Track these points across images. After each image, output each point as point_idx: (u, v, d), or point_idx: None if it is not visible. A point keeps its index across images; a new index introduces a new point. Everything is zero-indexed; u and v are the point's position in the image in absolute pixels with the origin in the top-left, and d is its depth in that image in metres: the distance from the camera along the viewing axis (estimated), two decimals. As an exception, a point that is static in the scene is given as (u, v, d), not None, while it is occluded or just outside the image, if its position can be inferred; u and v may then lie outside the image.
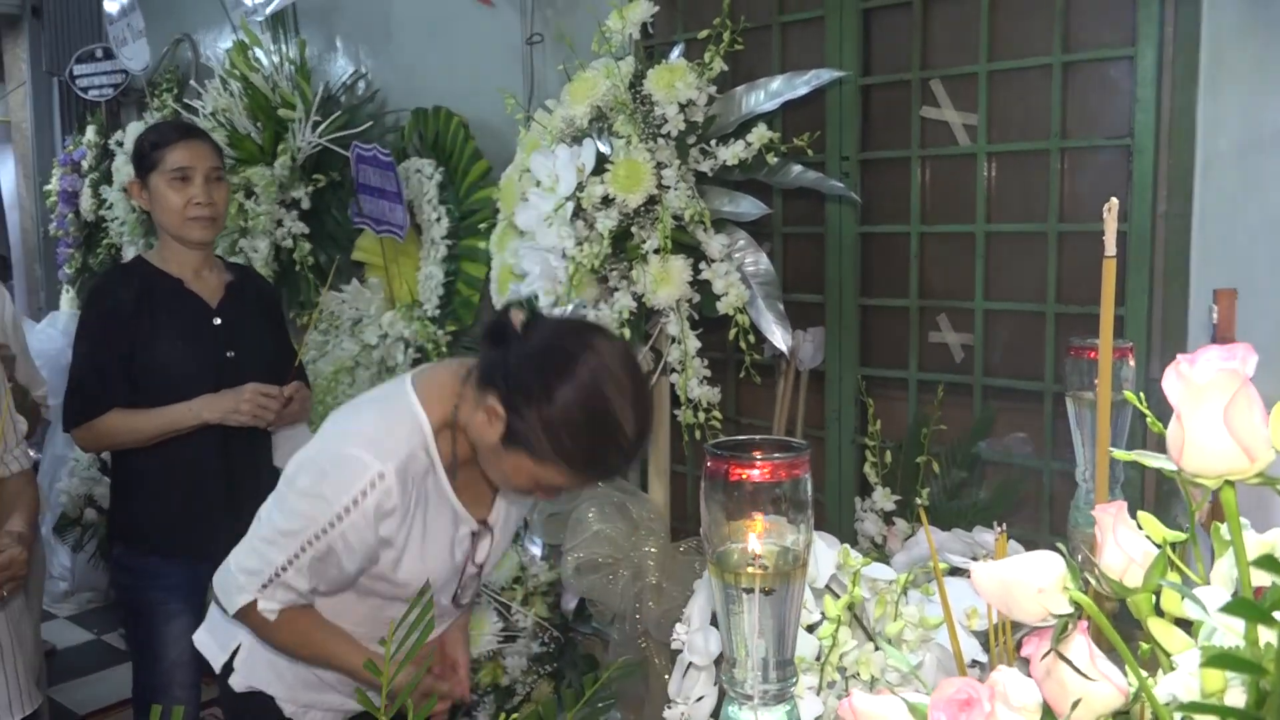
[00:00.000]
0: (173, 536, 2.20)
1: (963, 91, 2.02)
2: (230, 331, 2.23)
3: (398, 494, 1.38)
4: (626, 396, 1.27)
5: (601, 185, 1.90)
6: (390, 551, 1.44)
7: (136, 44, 4.05)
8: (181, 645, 2.24)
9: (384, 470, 1.37)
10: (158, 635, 2.22)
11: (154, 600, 2.22)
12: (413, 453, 1.40)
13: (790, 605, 0.61)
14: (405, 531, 1.43)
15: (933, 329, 2.12)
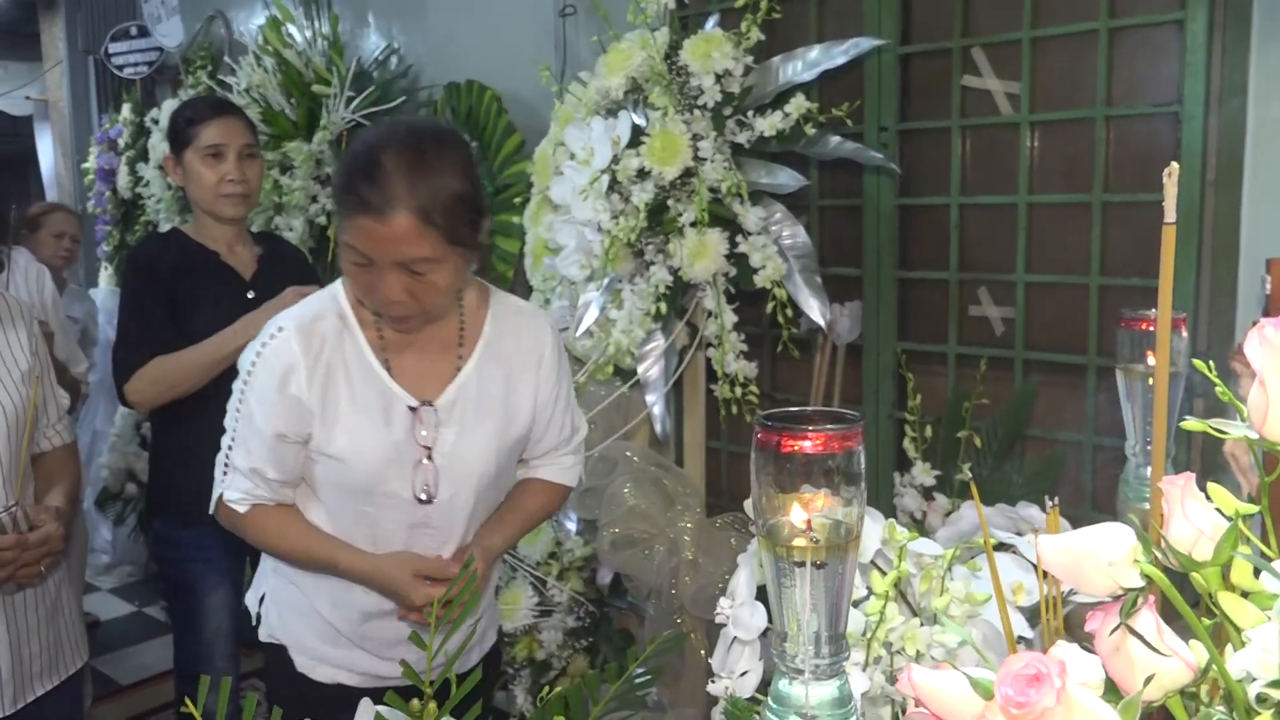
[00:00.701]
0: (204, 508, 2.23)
1: (1005, 59, 1.98)
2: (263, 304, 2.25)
3: (298, 348, 1.41)
4: (394, 139, 1.32)
5: (637, 158, 1.88)
6: (315, 421, 1.43)
7: (171, 21, 4.07)
8: (221, 616, 2.28)
9: (283, 324, 1.42)
10: (199, 607, 2.26)
11: (194, 573, 2.26)
12: (321, 313, 1.44)
13: (843, 579, 0.60)
14: (320, 394, 1.42)
15: (973, 302, 2.09)
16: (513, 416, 1.51)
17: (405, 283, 1.34)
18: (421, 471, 1.46)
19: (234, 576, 2.32)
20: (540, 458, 1.61)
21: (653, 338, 2.03)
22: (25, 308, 1.79)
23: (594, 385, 2.20)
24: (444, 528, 1.51)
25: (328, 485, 1.49)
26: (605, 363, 2.04)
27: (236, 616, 2.34)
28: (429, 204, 1.30)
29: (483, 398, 1.48)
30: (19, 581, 1.60)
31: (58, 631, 1.78)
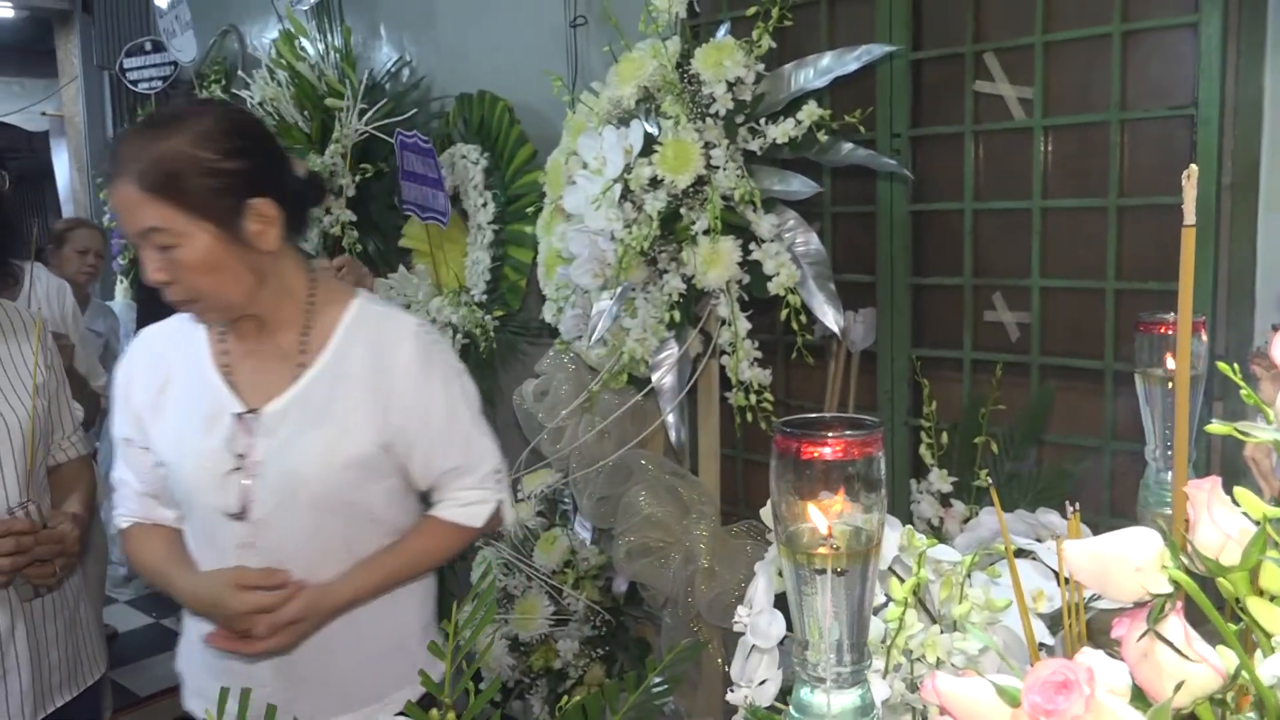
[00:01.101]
0: None
1: (1018, 64, 1.98)
2: None
3: (143, 352, 1.44)
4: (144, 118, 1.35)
5: (649, 166, 1.88)
6: (148, 425, 1.41)
7: (185, 36, 4.11)
8: None
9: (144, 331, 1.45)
10: None
11: None
12: (179, 316, 1.44)
13: (864, 586, 0.60)
14: (155, 398, 1.41)
15: (987, 308, 2.08)
16: (351, 431, 1.37)
17: (158, 260, 1.29)
18: (233, 482, 1.36)
19: None
20: (441, 491, 1.47)
21: (666, 346, 2.03)
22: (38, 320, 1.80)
23: (608, 394, 2.20)
24: (272, 550, 1.38)
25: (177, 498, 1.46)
26: (619, 371, 2.04)
27: None
28: (149, 169, 1.26)
29: (320, 409, 1.38)
30: (35, 582, 1.61)
31: (77, 643, 1.79)
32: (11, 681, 1.65)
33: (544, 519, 2.51)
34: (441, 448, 1.43)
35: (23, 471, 1.65)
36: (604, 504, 2.23)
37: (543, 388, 2.37)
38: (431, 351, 1.43)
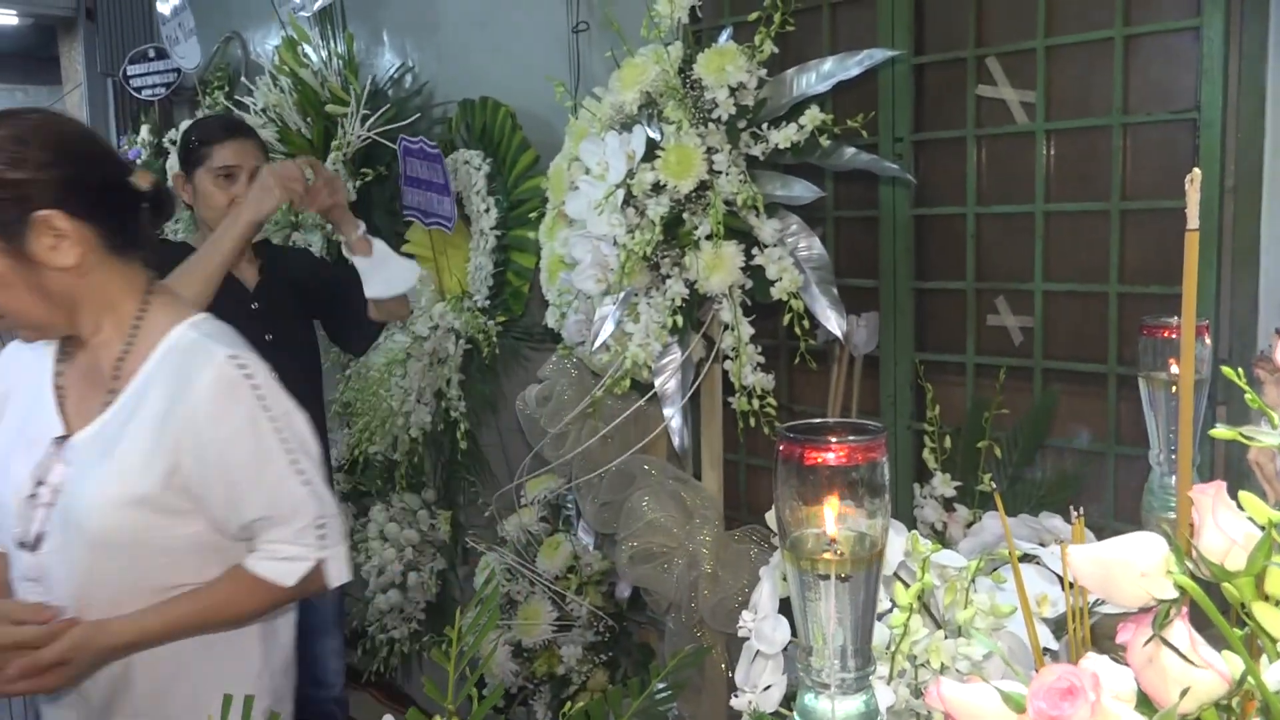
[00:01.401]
0: None
1: (1020, 68, 1.98)
2: (268, 315, 2.27)
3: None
4: None
5: (652, 172, 1.88)
6: None
7: (188, 43, 4.11)
8: None
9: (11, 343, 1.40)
10: None
11: None
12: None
13: (868, 592, 0.60)
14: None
15: (990, 312, 2.08)
16: (137, 467, 1.28)
17: None
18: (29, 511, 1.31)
19: None
20: (254, 541, 1.36)
21: (669, 351, 2.03)
22: None
23: (611, 399, 2.20)
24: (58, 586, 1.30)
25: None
26: (622, 376, 2.04)
27: None
28: None
29: (113, 441, 1.30)
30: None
31: None
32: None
33: (547, 524, 2.51)
34: (244, 494, 1.32)
35: None
36: (607, 509, 2.23)
37: (545, 393, 2.37)
38: (237, 389, 1.31)
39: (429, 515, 3.10)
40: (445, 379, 2.97)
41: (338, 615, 2.47)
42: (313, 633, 2.43)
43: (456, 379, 2.96)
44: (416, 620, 3.09)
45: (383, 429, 3.03)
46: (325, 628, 2.45)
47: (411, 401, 2.99)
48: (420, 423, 3.00)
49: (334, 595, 2.45)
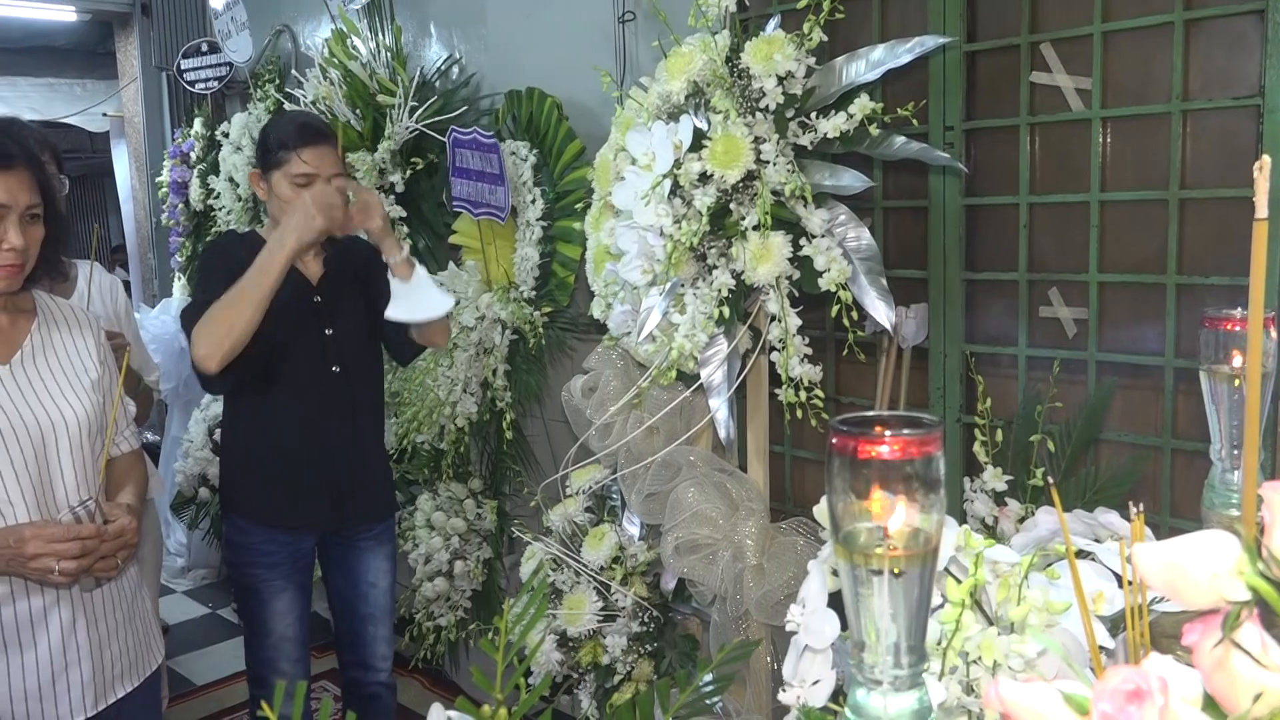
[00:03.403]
0: (272, 506, 2.29)
1: (1075, 54, 1.94)
2: (329, 309, 2.29)
3: None
4: None
5: (699, 162, 1.87)
6: None
7: (240, 36, 4.17)
8: (288, 620, 2.33)
9: None
10: (264, 610, 2.31)
11: (259, 577, 2.32)
12: None
13: (923, 588, 0.59)
14: None
15: (1043, 303, 2.04)
16: None
17: None
18: None
19: (300, 581, 2.37)
20: None
21: (715, 342, 2.02)
22: (92, 318, 1.84)
23: (656, 390, 2.19)
24: None
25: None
26: (668, 367, 2.04)
27: (304, 621, 2.38)
28: None
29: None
30: (97, 574, 1.65)
31: (136, 633, 1.82)
32: (74, 674, 1.69)
33: (592, 514, 2.51)
34: None
35: (80, 465, 1.69)
36: (652, 500, 2.23)
37: (591, 384, 2.37)
38: None
39: (475, 504, 3.12)
40: (491, 369, 2.99)
41: (389, 605, 2.51)
42: (366, 620, 2.48)
43: (502, 369, 2.98)
44: (463, 608, 3.12)
45: (430, 418, 3.06)
46: (378, 616, 2.48)
47: (458, 391, 3.02)
48: (467, 412, 3.02)
49: (387, 587, 2.48)
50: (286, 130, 2.21)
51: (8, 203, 1.57)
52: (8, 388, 1.64)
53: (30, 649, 1.64)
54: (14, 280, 1.62)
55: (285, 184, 2.17)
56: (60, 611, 1.67)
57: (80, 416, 1.70)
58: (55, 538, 1.55)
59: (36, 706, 1.65)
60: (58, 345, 1.74)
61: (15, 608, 1.63)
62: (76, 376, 1.74)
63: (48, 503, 1.64)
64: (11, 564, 1.55)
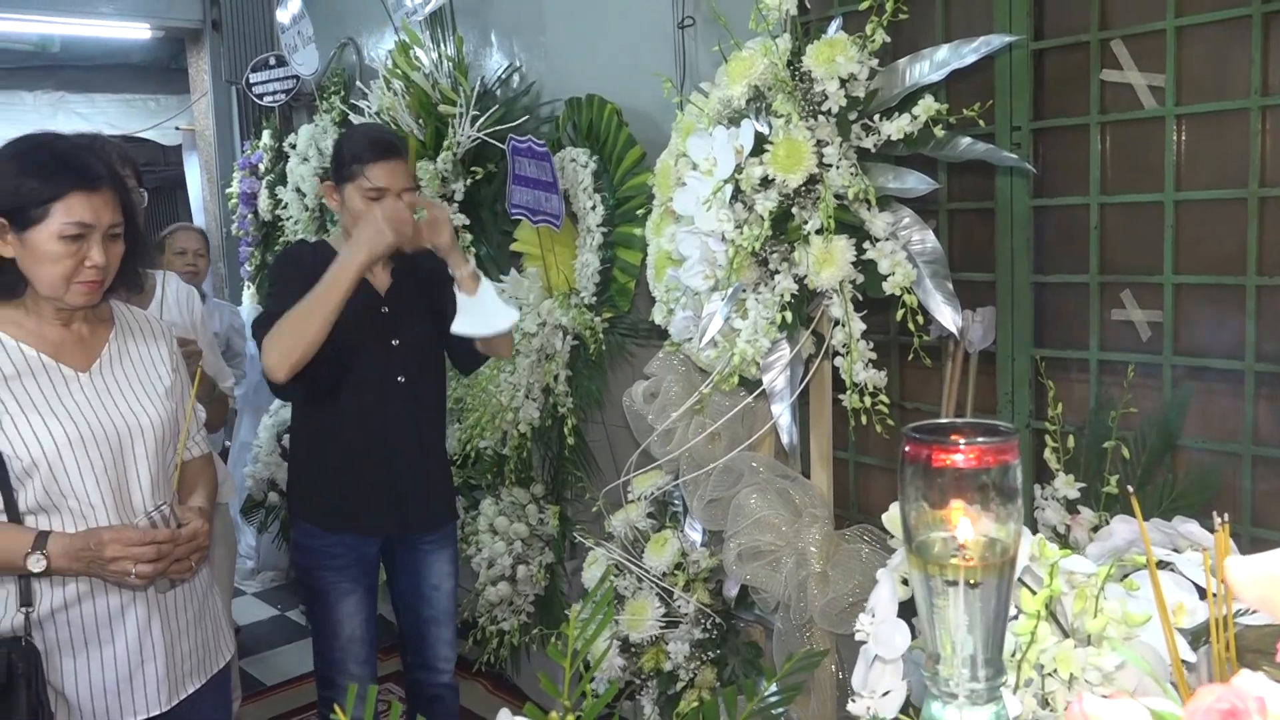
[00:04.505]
0: (338, 511, 2.34)
1: (1148, 51, 1.89)
2: (396, 320, 2.33)
3: None
4: None
5: (760, 166, 1.86)
6: None
7: (306, 50, 4.26)
8: (355, 622, 2.37)
9: None
10: (332, 612, 2.35)
11: (327, 580, 2.36)
12: None
13: (1000, 599, 0.58)
14: None
15: (1115, 306, 1.99)
16: None
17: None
18: None
19: (366, 584, 2.41)
20: None
21: (778, 347, 2.00)
22: (166, 327, 1.90)
23: (718, 396, 2.18)
24: None
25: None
26: (730, 373, 2.03)
27: (371, 623, 2.42)
28: None
29: None
30: (172, 576, 1.69)
31: (206, 632, 1.87)
32: (149, 670, 1.73)
33: (654, 520, 2.51)
34: None
35: (155, 470, 1.74)
36: (714, 506, 2.22)
37: (652, 389, 2.37)
38: None
39: (537, 509, 3.14)
40: (553, 375, 3.00)
41: (451, 608, 2.55)
42: (429, 622, 2.51)
43: (564, 375, 2.99)
44: (525, 612, 3.14)
45: (492, 424, 3.09)
46: (440, 619, 2.52)
47: (520, 397, 3.04)
48: (529, 418, 3.04)
49: (449, 590, 2.52)
50: (359, 145, 2.24)
51: (92, 223, 1.62)
52: (87, 394, 1.69)
53: (108, 645, 1.69)
54: (94, 296, 1.67)
55: (357, 197, 2.21)
56: (136, 609, 1.71)
57: (155, 423, 1.75)
58: (132, 541, 1.60)
59: (115, 701, 1.70)
60: (134, 354, 1.79)
61: (94, 605, 1.68)
62: (151, 384, 1.79)
63: (125, 506, 1.69)
64: (91, 566, 1.60)
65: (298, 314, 2.08)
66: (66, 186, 1.60)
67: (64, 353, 1.70)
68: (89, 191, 1.61)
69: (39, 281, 1.63)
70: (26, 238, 1.60)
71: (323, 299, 2.07)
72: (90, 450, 1.65)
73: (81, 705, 1.68)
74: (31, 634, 1.64)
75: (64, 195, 1.59)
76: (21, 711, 1.58)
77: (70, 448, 1.63)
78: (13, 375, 1.63)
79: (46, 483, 1.62)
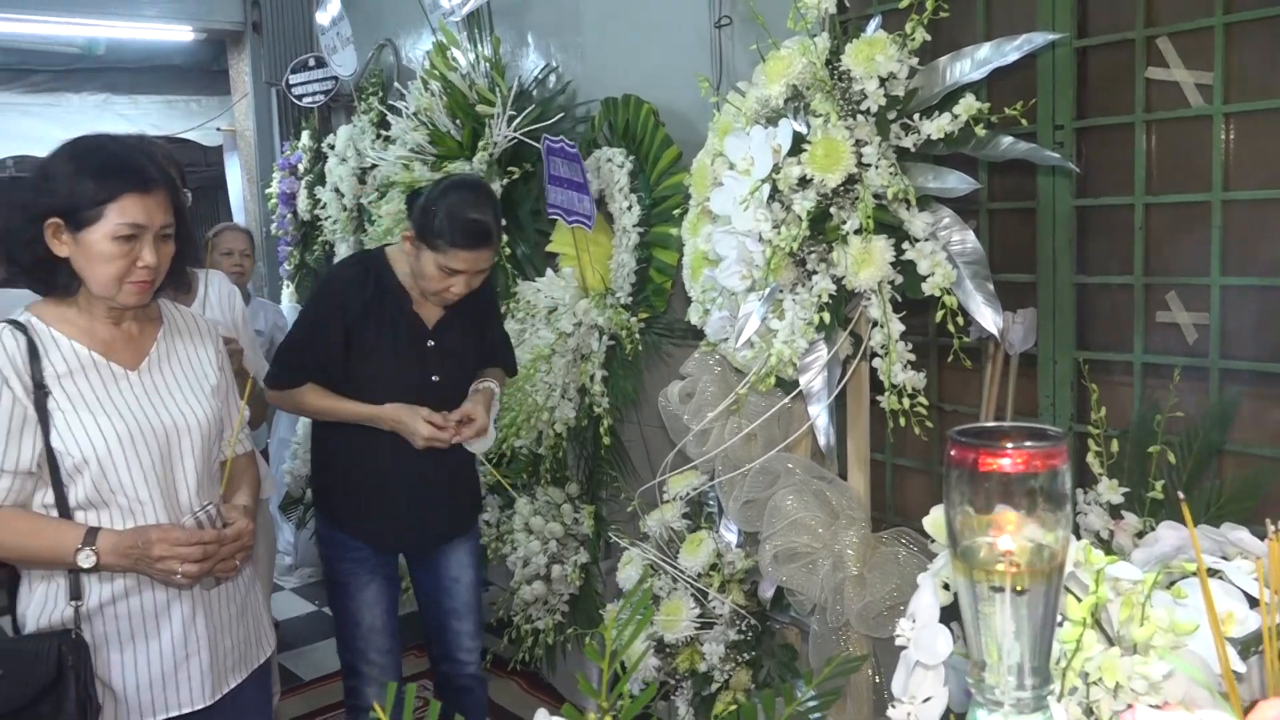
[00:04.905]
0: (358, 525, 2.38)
1: (1195, 48, 1.85)
2: (441, 356, 2.34)
3: None
4: None
5: (798, 166, 1.85)
6: None
7: (345, 51, 4.29)
8: (375, 611, 2.40)
9: None
10: (353, 601, 2.39)
11: (347, 570, 2.39)
12: None
13: (1047, 606, 0.57)
14: None
15: (1161, 308, 1.96)
16: None
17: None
18: None
19: (386, 573, 2.44)
20: None
21: (815, 348, 1.99)
22: (212, 326, 1.92)
23: (755, 396, 2.17)
24: None
25: None
26: (766, 374, 2.02)
27: (392, 614, 2.45)
28: None
29: None
30: (217, 574, 1.71)
31: (248, 627, 1.89)
32: (193, 664, 1.76)
33: (689, 521, 2.50)
34: None
35: (201, 468, 1.76)
36: (750, 507, 2.21)
37: (688, 390, 2.36)
38: None
39: (573, 509, 3.15)
40: (589, 375, 3.00)
41: (473, 600, 2.56)
42: (450, 614, 2.54)
43: (600, 375, 2.99)
44: (560, 611, 3.14)
45: (528, 424, 3.10)
46: (462, 611, 2.54)
47: (556, 397, 3.04)
48: (564, 418, 3.04)
49: (470, 582, 2.54)
50: (455, 224, 2.15)
51: (145, 224, 1.65)
52: (136, 392, 1.72)
53: (154, 639, 1.72)
54: (144, 296, 1.70)
55: (433, 265, 2.18)
56: (181, 604, 1.74)
57: (202, 421, 1.77)
58: (179, 541, 1.62)
59: (160, 694, 1.72)
60: (181, 353, 1.82)
61: (141, 599, 1.71)
62: (198, 382, 1.81)
63: (172, 503, 1.71)
64: (139, 564, 1.62)
65: (315, 409, 2.33)
66: (121, 188, 1.62)
67: (114, 351, 1.73)
68: (143, 193, 1.64)
69: (92, 281, 1.66)
70: (81, 238, 1.63)
71: (343, 416, 2.30)
72: (139, 447, 1.68)
73: (128, 698, 1.70)
74: (80, 627, 1.67)
75: (119, 197, 1.62)
76: (71, 703, 1.60)
77: (120, 444, 1.66)
78: (65, 373, 1.66)
79: (96, 479, 1.65)
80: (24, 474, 1.63)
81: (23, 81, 5.91)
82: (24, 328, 1.66)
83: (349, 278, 2.30)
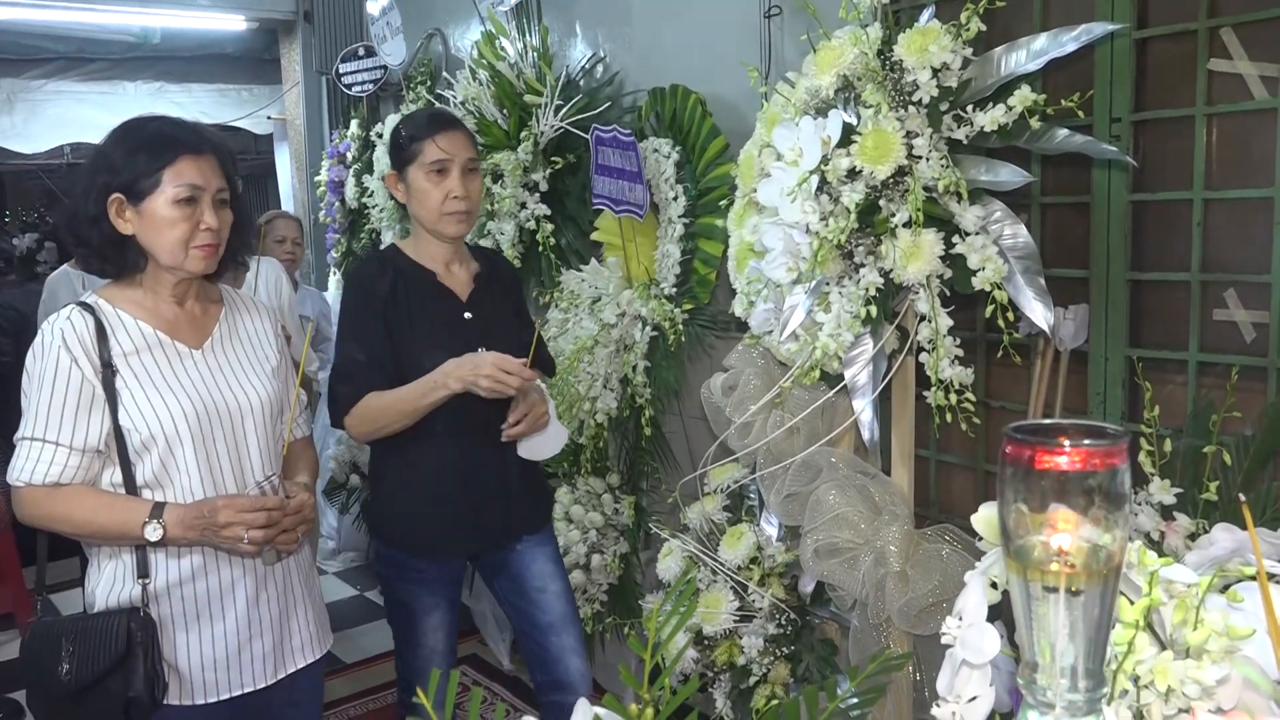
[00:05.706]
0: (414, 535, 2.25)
1: (1260, 39, 1.80)
2: (481, 325, 2.23)
3: None
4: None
5: (848, 157, 1.83)
6: None
7: (394, 40, 4.32)
8: (438, 636, 2.28)
9: None
10: (416, 624, 2.27)
11: (410, 594, 2.27)
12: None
13: (1103, 608, 0.55)
14: None
15: (1218, 305, 1.91)
16: None
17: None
18: None
19: (450, 596, 2.31)
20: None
21: (861, 342, 1.97)
22: (269, 309, 1.95)
23: (798, 390, 2.16)
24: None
25: None
26: (811, 367, 2.00)
27: (452, 636, 2.33)
28: None
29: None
30: (280, 547, 1.74)
31: (309, 611, 1.92)
32: (256, 645, 1.79)
33: (730, 514, 2.49)
34: None
35: (265, 445, 1.79)
36: (792, 501, 2.20)
37: (731, 382, 2.35)
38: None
39: (613, 499, 3.15)
40: (631, 365, 3.00)
41: (568, 610, 2.37)
42: (546, 630, 2.34)
43: (642, 365, 2.99)
44: (599, 601, 3.15)
45: (570, 413, 3.10)
46: (558, 624, 2.35)
47: (598, 387, 3.05)
48: (606, 408, 3.05)
49: (559, 590, 2.37)
50: (415, 123, 2.20)
51: (202, 185, 1.68)
52: (200, 371, 1.75)
53: (220, 620, 1.75)
54: (211, 261, 1.73)
55: (421, 176, 2.14)
56: (246, 585, 1.77)
57: (264, 399, 1.81)
58: (244, 508, 1.65)
59: (224, 674, 1.76)
60: (242, 333, 1.85)
61: (207, 581, 1.74)
62: (260, 363, 1.85)
63: (238, 478, 1.76)
64: (205, 533, 1.65)
65: (383, 409, 2.12)
66: (174, 154, 1.67)
67: (179, 330, 1.76)
68: (195, 155, 1.69)
69: (159, 250, 1.69)
70: (142, 208, 1.67)
71: (408, 408, 2.12)
72: (204, 425, 1.71)
73: (193, 677, 1.73)
74: (148, 605, 1.70)
75: (173, 161, 1.67)
76: (139, 679, 1.64)
77: (185, 422, 1.69)
78: (131, 351, 1.70)
79: (164, 456, 1.68)
80: (92, 452, 1.66)
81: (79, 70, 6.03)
82: (92, 309, 1.70)
83: (366, 273, 2.23)
